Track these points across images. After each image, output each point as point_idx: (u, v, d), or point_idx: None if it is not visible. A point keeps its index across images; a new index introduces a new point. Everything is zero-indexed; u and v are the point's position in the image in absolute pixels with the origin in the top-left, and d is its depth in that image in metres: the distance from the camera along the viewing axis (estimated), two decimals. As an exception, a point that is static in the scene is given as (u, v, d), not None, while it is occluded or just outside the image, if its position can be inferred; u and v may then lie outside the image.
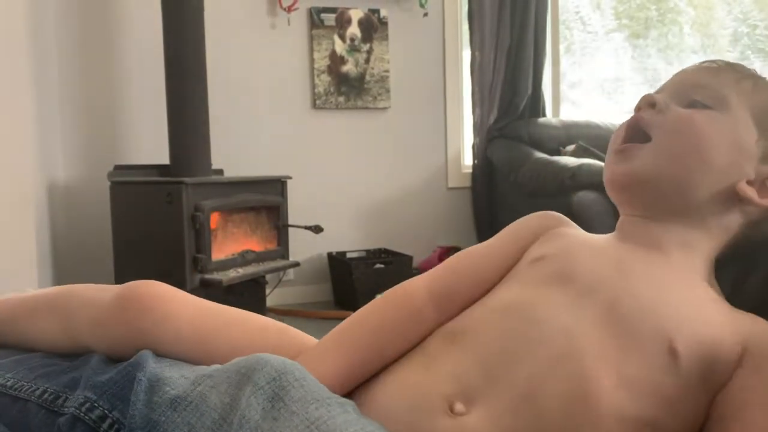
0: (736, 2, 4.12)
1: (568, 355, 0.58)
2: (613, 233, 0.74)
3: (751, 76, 0.73)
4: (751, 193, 0.68)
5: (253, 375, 0.57)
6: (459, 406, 0.57)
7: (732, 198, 0.69)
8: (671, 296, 0.63)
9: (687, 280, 0.67)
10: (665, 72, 4.05)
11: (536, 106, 3.49)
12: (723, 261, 0.71)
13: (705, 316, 0.62)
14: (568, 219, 0.79)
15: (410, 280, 0.75)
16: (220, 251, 2.57)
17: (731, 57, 3.98)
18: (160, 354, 0.67)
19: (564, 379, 0.57)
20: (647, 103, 0.72)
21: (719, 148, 0.68)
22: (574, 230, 0.77)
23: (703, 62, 0.76)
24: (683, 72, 0.76)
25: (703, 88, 0.71)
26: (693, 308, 0.63)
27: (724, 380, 0.60)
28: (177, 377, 0.61)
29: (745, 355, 0.60)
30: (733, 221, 0.70)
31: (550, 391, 0.57)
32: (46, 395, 0.64)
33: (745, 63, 0.77)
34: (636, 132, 0.72)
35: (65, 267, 2.84)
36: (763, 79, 0.74)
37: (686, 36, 4.08)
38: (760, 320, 0.64)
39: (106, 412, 0.60)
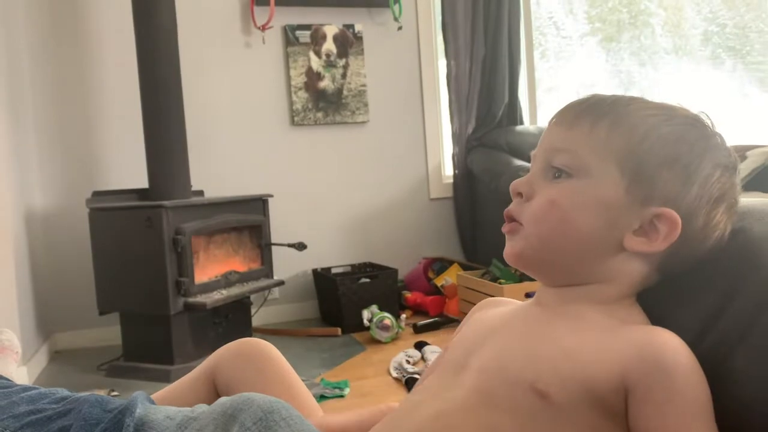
0: (705, 2, 4.18)
1: (437, 418, 0.66)
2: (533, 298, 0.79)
3: (607, 114, 0.70)
4: (638, 244, 0.68)
5: (239, 415, 0.58)
6: None
7: (624, 251, 0.69)
8: (538, 345, 0.67)
9: (571, 325, 0.68)
10: (639, 74, 4.09)
11: (513, 114, 3.51)
12: (700, 286, 0.70)
13: (577, 353, 0.64)
14: (495, 299, 0.87)
15: None
16: (203, 274, 2.54)
17: (703, 56, 4.03)
18: None
19: None
20: (515, 194, 0.74)
21: (586, 219, 0.68)
22: (484, 312, 0.83)
23: (564, 109, 0.75)
24: (545, 132, 0.76)
25: (560, 153, 0.71)
26: (562, 350, 0.65)
27: (619, 406, 0.62)
28: (161, 419, 0.61)
29: (628, 381, 0.61)
30: (636, 267, 0.69)
31: None
32: None
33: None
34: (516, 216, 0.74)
35: (46, 296, 2.79)
36: (623, 110, 0.70)
37: (659, 37, 4.12)
38: (646, 338, 0.63)
39: None
